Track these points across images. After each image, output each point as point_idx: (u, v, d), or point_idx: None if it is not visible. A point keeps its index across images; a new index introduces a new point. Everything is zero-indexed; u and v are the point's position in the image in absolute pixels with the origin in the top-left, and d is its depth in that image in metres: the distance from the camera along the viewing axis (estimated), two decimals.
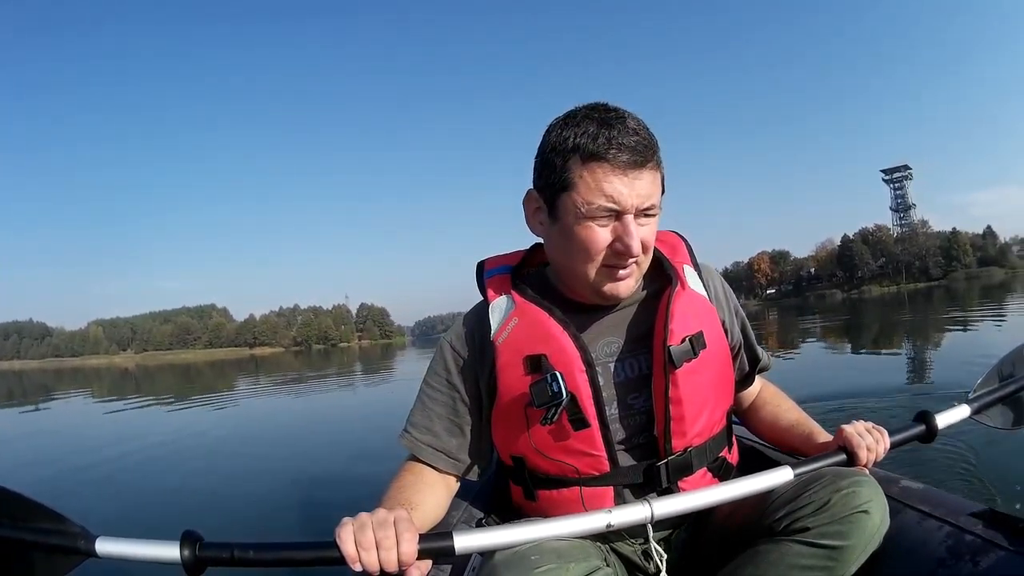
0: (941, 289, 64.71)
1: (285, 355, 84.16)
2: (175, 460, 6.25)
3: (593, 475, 1.29)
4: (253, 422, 9.56)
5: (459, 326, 1.43)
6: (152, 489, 4.95)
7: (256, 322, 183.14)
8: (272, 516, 3.93)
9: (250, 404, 12.94)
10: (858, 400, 5.13)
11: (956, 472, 2.96)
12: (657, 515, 1.12)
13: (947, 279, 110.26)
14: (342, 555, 1.01)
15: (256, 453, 6.44)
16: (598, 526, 1.10)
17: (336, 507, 3.58)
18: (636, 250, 1.20)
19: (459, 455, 1.40)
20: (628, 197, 1.18)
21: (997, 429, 1.58)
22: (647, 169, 1.20)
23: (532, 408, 1.25)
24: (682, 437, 1.29)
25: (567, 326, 1.29)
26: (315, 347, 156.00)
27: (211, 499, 4.54)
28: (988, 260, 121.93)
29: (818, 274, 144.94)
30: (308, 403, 12.28)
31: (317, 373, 21.87)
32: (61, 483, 5.41)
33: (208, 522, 3.86)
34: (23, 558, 1.09)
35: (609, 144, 1.17)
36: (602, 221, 1.21)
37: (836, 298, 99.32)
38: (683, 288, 1.34)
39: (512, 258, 1.47)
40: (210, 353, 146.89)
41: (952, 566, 1.13)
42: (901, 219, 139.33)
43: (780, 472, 1.19)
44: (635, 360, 1.33)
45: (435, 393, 1.41)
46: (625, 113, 1.22)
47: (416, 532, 1.05)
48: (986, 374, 1.60)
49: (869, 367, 8.31)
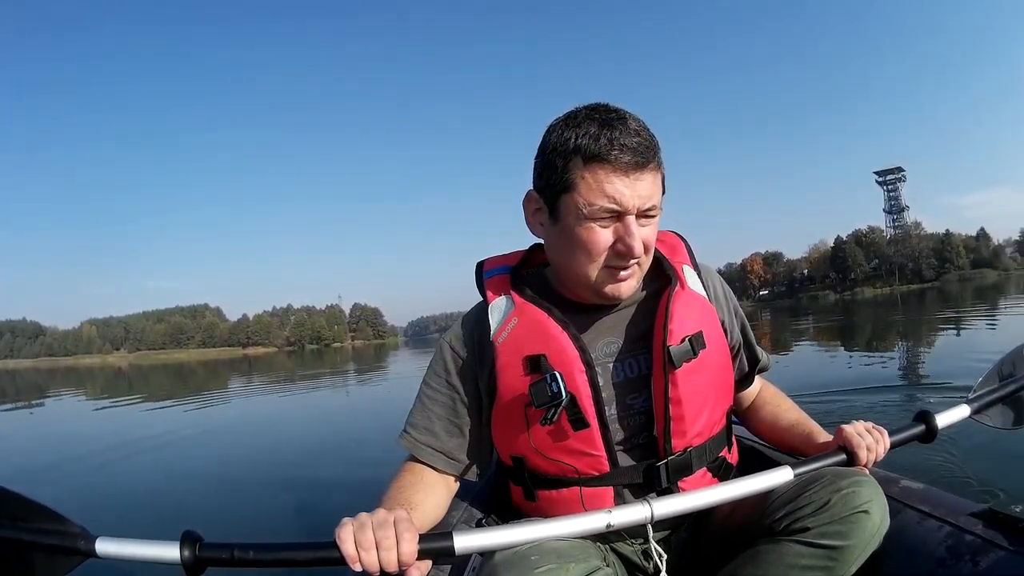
0: (934, 291, 64.83)
1: (278, 355, 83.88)
2: (174, 460, 6.22)
3: (593, 475, 1.29)
4: (252, 422, 9.52)
5: (459, 326, 1.43)
6: (151, 489, 4.92)
7: (249, 322, 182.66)
8: (271, 516, 3.91)
9: (249, 404, 12.92)
10: (850, 398, 5.16)
11: (956, 472, 2.96)
12: (657, 515, 1.12)
13: (940, 281, 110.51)
14: (342, 555, 1.01)
15: (255, 453, 6.42)
16: (598, 526, 1.10)
17: (336, 507, 3.57)
18: (638, 251, 1.21)
19: (459, 455, 1.40)
20: (630, 198, 1.18)
21: (997, 429, 1.58)
22: (648, 170, 1.20)
23: (532, 408, 1.25)
24: (682, 437, 1.29)
25: (567, 326, 1.29)
26: (308, 347, 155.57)
27: (210, 499, 4.53)
28: (981, 262, 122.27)
29: (811, 275, 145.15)
30: (307, 403, 12.22)
31: (314, 372, 21.81)
32: (60, 483, 5.38)
33: (207, 522, 3.81)
34: (23, 558, 1.09)
35: (611, 145, 1.17)
36: (604, 222, 1.21)
37: (829, 299, 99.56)
38: (683, 288, 1.34)
39: (511, 258, 1.47)
40: (203, 353, 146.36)
41: (952, 566, 1.14)
42: (894, 221, 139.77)
43: (780, 472, 1.20)
44: (635, 360, 1.33)
45: (435, 394, 1.40)
46: (626, 114, 1.22)
47: (416, 532, 1.05)
48: (986, 374, 1.60)
49: (862, 366, 8.31)
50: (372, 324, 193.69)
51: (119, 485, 5.18)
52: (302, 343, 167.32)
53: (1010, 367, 1.63)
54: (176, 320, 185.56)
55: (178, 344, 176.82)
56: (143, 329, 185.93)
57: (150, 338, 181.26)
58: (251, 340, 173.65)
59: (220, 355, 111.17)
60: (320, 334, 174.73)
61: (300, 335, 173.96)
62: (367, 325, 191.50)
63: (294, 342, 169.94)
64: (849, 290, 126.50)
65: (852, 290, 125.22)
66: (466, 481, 1.45)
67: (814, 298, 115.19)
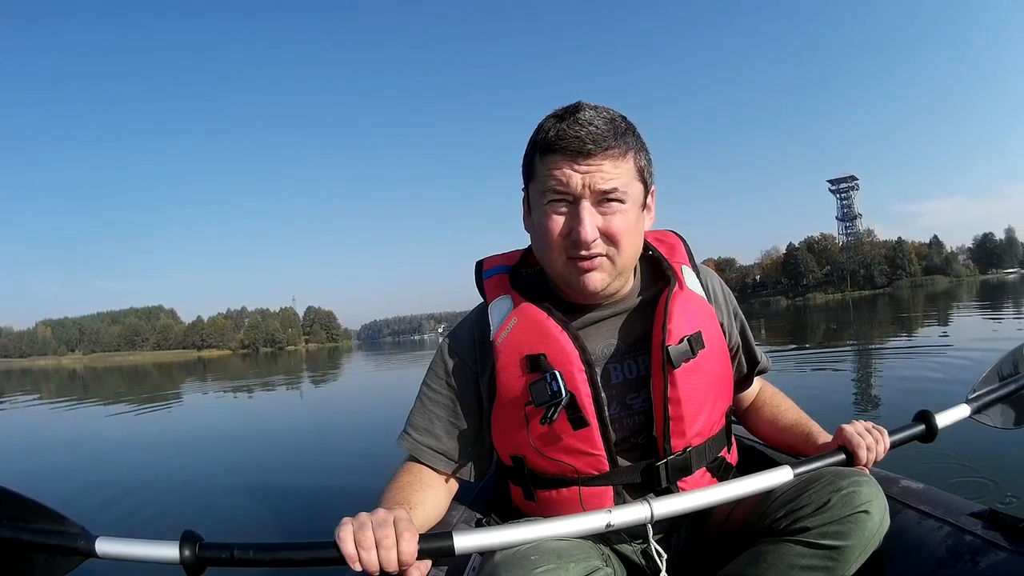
0: (885, 297, 65.94)
1: (232, 358, 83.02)
2: (172, 460, 6.16)
3: (592, 475, 1.29)
4: (250, 423, 9.51)
5: (459, 327, 1.43)
6: (150, 489, 4.87)
7: (204, 324, 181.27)
8: (271, 516, 3.90)
9: (248, 404, 12.86)
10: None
11: (956, 472, 2.98)
12: (657, 515, 1.12)
13: (892, 287, 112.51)
14: (342, 555, 1.01)
15: (251, 454, 6.43)
16: (598, 526, 1.10)
17: (335, 507, 3.58)
18: (585, 237, 1.20)
19: (459, 456, 1.39)
20: (577, 181, 1.20)
21: (997, 429, 1.59)
22: (603, 155, 1.20)
23: (531, 407, 1.25)
24: (681, 437, 1.29)
25: (566, 326, 1.29)
26: (263, 350, 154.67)
27: (208, 500, 4.52)
28: (933, 269, 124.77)
29: (763, 281, 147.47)
30: (306, 402, 12.28)
31: (312, 372, 21.75)
32: (58, 483, 5.34)
33: (207, 522, 3.85)
34: (23, 558, 1.08)
35: (560, 133, 1.20)
36: (559, 208, 1.23)
37: (780, 305, 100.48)
38: (681, 288, 1.34)
39: (510, 258, 1.47)
40: (158, 355, 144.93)
41: (952, 566, 1.14)
42: (847, 228, 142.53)
43: (779, 472, 1.20)
44: (634, 361, 1.33)
45: (435, 395, 1.40)
46: (584, 106, 1.23)
47: (416, 532, 1.04)
48: (986, 373, 1.60)
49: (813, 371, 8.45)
50: (326, 327, 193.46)
51: (118, 484, 5.11)
52: (256, 346, 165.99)
53: (1010, 367, 1.63)
54: (130, 322, 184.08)
55: (132, 346, 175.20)
56: (97, 331, 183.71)
57: (105, 339, 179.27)
58: (205, 343, 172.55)
59: (175, 358, 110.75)
60: (275, 337, 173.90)
61: (255, 338, 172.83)
62: (321, 328, 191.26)
63: (248, 345, 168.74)
64: (801, 296, 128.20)
65: (804, 296, 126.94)
66: (466, 481, 1.44)
67: (766, 303, 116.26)
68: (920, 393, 5.60)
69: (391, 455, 1.47)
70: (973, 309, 19.87)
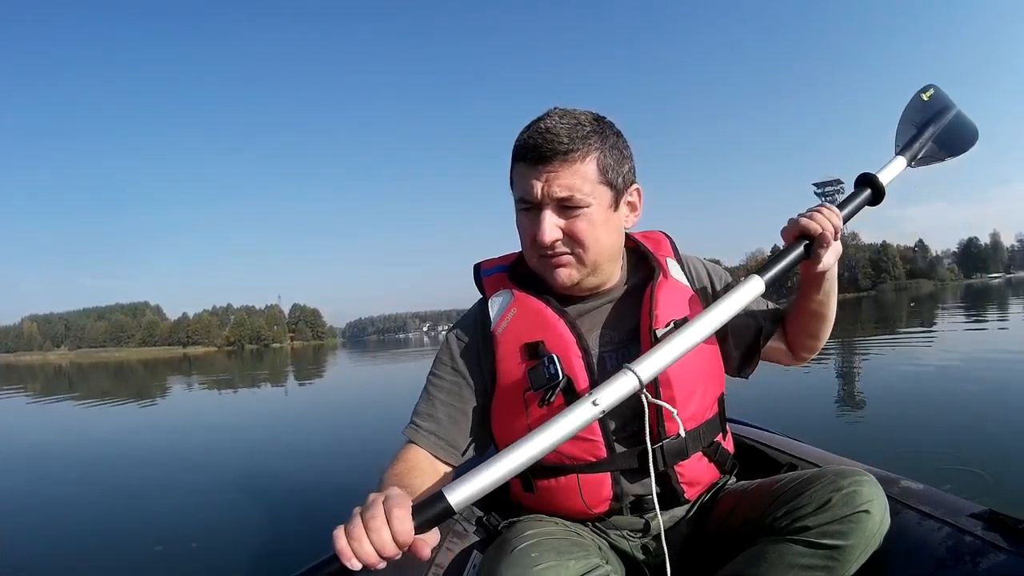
0: (870, 299, 66.36)
1: (218, 355, 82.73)
2: (154, 464, 6.12)
3: (590, 461, 1.30)
4: (248, 422, 9.60)
5: (463, 320, 1.46)
6: (137, 497, 4.79)
7: (190, 321, 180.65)
8: (269, 522, 3.90)
9: (245, 404, 13.03)
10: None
11: (956, 472, 3.01)
12: (644, 379, 1.09)
13: (876, 290, 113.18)
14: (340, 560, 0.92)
15: (250, 455, 6.42)
16: (586, 416, 1.05)
17: (334, 514, 3.74)
18: (543, 240, 1.24)
19: (458, 443, 1.38)
20: (535, 190, 1.24)
21: (937, 164, 1.56)
22: (560, 162, 1.22)
23: (530, 393, 1.27)
24: (674, 421, 1.28)
25: (564, 314, 1.32)
26: (248, 347, 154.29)
27: (207, 500, 4.52)
28: (918, 272, 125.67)
29: None
30: (301, 403, 12.34)
31: (316, 371, 21.68)
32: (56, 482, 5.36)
33: (203, 530, 3.85)
34: None
35: (522, 143, 1.25)
36: (529, 213, 1.28)
37: None
38: (666, 278, 1.38)
39: (507, 259, 1.49)
40: (143, 351, 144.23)
41: (952, 566, 1.14)
42: None
43: (751, 283, 1.24)
44: (626, 350, 1.34)
45: (440, 382, 1.40)
46: (551, 113, 1.27)
47: (408, 506, 0.96)
48: (899, 129, 1.58)
49: None
50: (311, 325, 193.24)
51: (108, 489, 5.07)
52: (242, 343, 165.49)
53: (918, 113, 1.61)
54: (117, 318, 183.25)
55: (119, 342, 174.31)
56: (84, 327, 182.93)
57: (91, 336, 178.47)
58: (191, 339, 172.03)
59: (160, 354, 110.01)
60: (260, 334, 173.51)
61: (240, 335, 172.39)
62: (306, 326, 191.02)
63: (234, 342, 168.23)
64: (786, 298, 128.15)
65: (789, 298, 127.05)
66: None
67: None
68: (904, 383, 5.64)
69: (383, 453, 1.44)
70: (956, 311, 20.05)
